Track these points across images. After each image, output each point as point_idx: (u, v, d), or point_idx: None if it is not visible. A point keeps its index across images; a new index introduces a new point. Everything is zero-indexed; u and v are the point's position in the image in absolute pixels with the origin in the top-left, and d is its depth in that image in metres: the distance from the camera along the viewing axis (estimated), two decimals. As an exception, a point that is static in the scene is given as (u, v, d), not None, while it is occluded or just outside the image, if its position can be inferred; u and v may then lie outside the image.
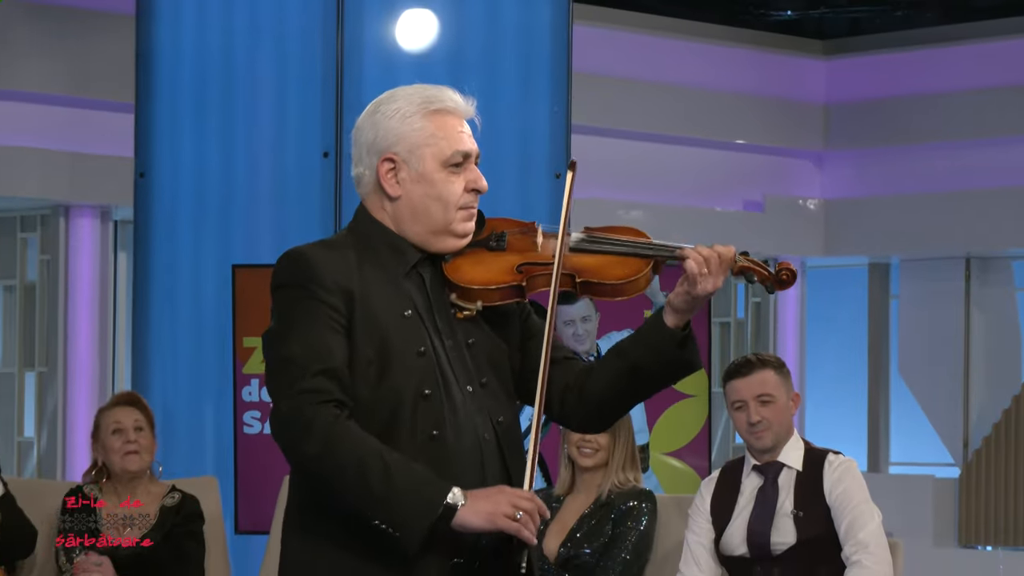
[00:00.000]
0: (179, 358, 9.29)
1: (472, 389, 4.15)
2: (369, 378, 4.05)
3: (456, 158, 4.13)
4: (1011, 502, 14.23)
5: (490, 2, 9.23)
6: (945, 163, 14.41)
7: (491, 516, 3.90)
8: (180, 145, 9.33)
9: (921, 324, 15.10)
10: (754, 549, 6.64)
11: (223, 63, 9.27)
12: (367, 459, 3.92)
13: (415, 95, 4.18)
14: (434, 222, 4.16)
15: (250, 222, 9.17)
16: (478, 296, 4.15)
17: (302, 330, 4.05)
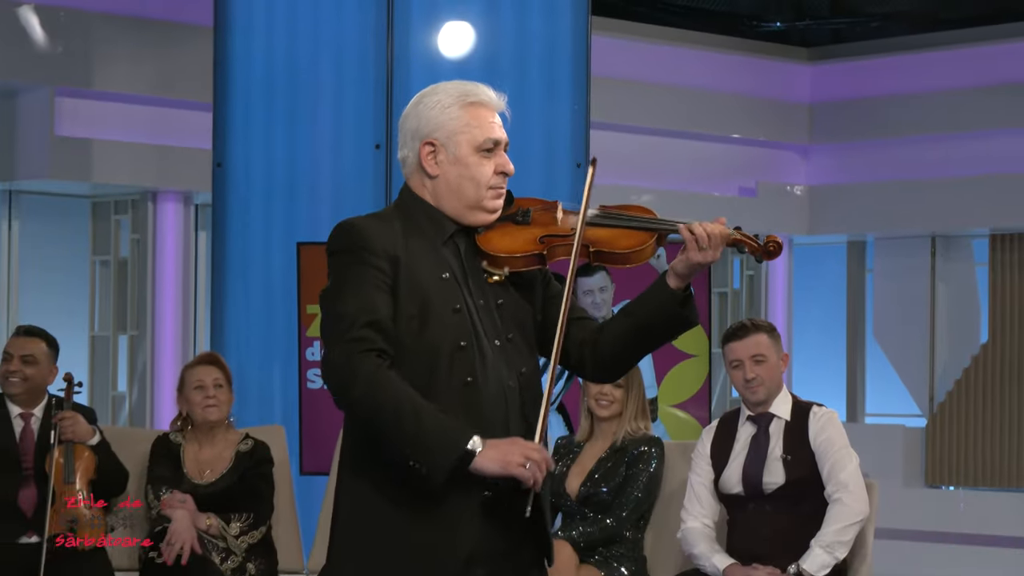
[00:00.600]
0: (251, 323, 9.30)
1: (499, 343, 4.22)
2: (412, 331, 4.13)
3: (487, 144, 4.21)
4: (970, 448, 14.20)
5: (519, 15, 9.23)
6: (914, 155, 14.36)
7: (504, 463, 3.96)
8: (251, 139, 9.35)
9: (893, 294, 15.07)
10: (748, 488, 6.65)
11: (288, 68, 9.27)
12: (402, 404, 4.00)
13: (454, 89, 4.27)
14: (467, 199, 4.23)
15: (312, 204, 9.18)
16: (505, 263, 4.23)
17: (352, 289, 4.15)
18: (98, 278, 13.42)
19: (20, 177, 12.45)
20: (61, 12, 12.04)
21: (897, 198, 14.50)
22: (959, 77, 14.01)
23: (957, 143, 14.08)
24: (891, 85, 14.39)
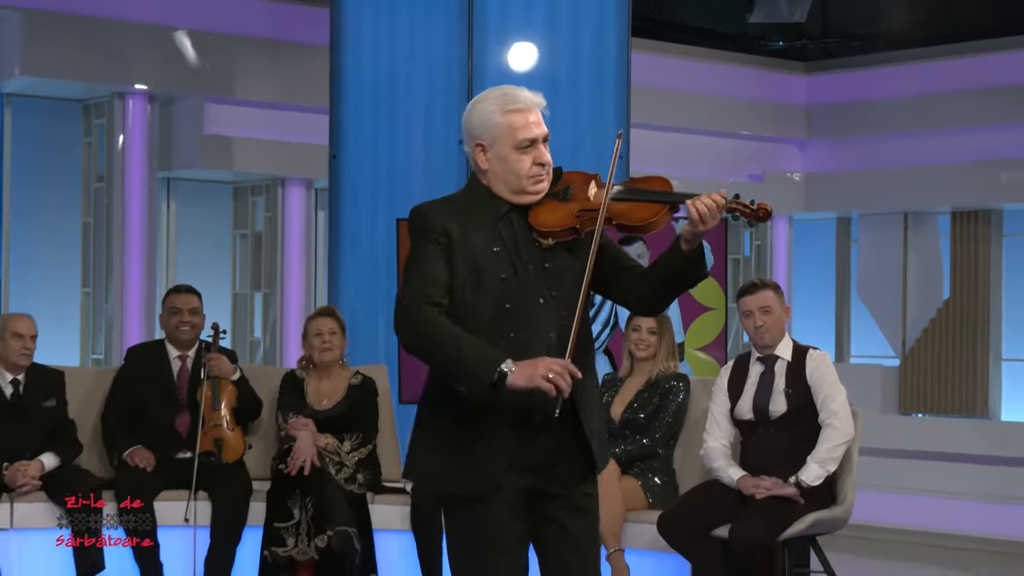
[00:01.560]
0: (360, 282, 9.30)
1: (543, 300, 4.25)
2: (466, 292, 4.22)
3: (524, 143, 4.23)
4: (935, 382, 14.16)
5: (573, 36, 9.19)
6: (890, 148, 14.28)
7: (530, 378, 3.98)
8: (360, 135, 9.34)
9: (873, 260, 14.96)
10: (757, 415, 6.64)
11: (389, 78, 9.25)
12: (448, 339, 4.11)
13: (497, 98, 4.32)
14: (512, 186, 4.27)
15: (408, 187, 9.17)
16: (549, 234, 4.26)
17: (420, 259, 4.26)
18: (238, 248, 13.45)
19: (176, 167, 12.48)
20: (208, 35, 12.04)
21: (877, 183, 14.45)
22: (926, 85, 13.94)
23: (925, 138, 14.01)
24: (872, 92, 14.34)
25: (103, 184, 12.22)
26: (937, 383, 14.29)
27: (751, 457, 6.65)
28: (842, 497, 6.64)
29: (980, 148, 13.70)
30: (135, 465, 7.45)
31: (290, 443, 7.48)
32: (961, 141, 13.81)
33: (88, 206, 12.34)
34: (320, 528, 7.31)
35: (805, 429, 6.57)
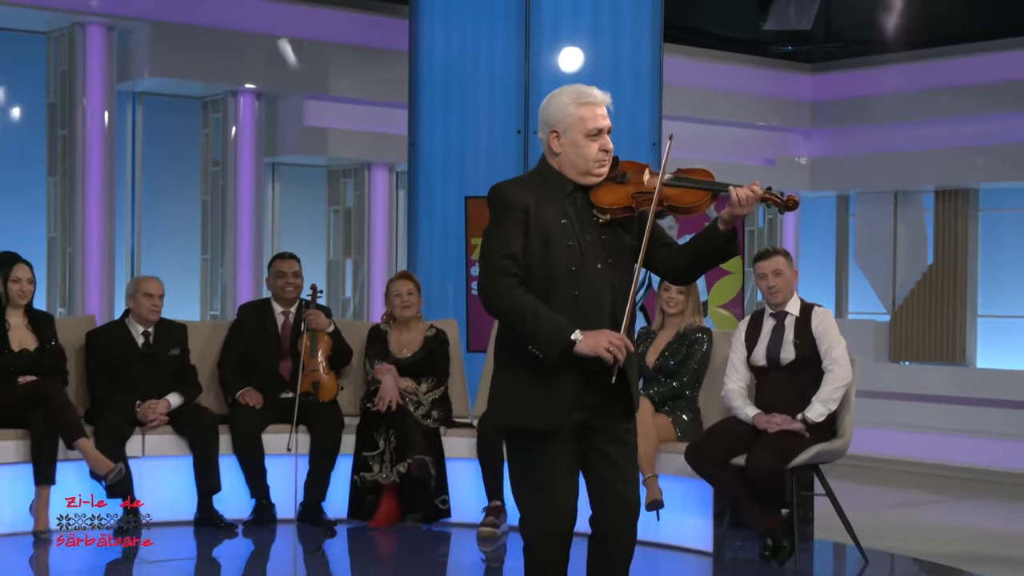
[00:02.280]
0: (434, 250, 9.31)
1: (600, 266, 4.26)
2: (538, 258, 4.22)
3: (592, 132, 4.25)
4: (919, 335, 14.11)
5: (614, 42, 9.16)
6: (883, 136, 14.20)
7: (594, 348, 4.07)
8: (434, 126, 9.34)
9: (867, 231, 14.89)
10: (770, 362, 6.60)
11: (458, 78, 9.24)
12: (526, 309, 4.14)
13: (572, 92, 4.34)
14: (579, 168, 4.27)
15: (474, 170, 9.17)
16: (607, 212, 4.26)
17: (498, 231, 4.27)
18: (331, 221, 13.47)
19: (279, 154, 12.51)
20: (306, 43, 12.04)
21: (871, 166, 14.39)
22: (914, 83, 13.87)
23: (912, 128, 13.92)
24: (867, 88, 14.27)
25: (218, 168, 12.26)
26: (922, 335, 14.23)
27: (764, 397, 6.62)
28: (841, 432, 6.61)
29: (959, 136, 13.64)
30: (246, 404, 7.50)
31: (376, 385, 7.51)
32: (943, 130, 13.74)
33: (206, 186, 12.39)
34: (401, 456, 7.34)
35: (810, 374, 6.54)
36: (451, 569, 6.59)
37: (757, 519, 6.49)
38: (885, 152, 14.26)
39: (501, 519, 7.20)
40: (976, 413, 12.08)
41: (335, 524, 7.33)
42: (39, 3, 10.88)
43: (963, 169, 13.69)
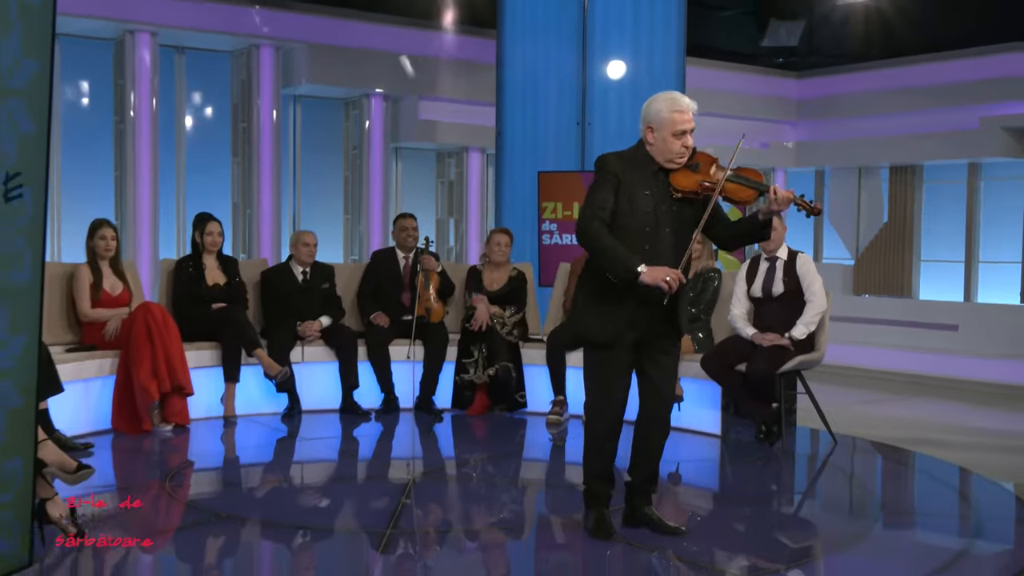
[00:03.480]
0: (515, 212, 9.28)
1: (668, 231, 4.28)
2: (623, 216, 4.22)
3: (678, 132, 4.24)
4: (876, 275, 14.00)
5: (648, 55, 9.04)
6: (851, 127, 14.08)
7: (655, 279, 4.07)
8: (515, 120, 9.28)
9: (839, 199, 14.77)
10: (764, 294, 6.50)
11: (532, 83, 9.17)
12: (608, 247, 4.14)
13: (668, 99, 4.31)
14: (664, 157, 4.27)
15: (544, 152, 9.13)
16: (679, 191, 4.29)
17: (598, 189, 4.26)
18: (439, 190, 13.48)
19: (401, 141, 12.52)
20: (420, 58, 12.01)
21: (841, 148, 14.30)
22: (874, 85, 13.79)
23: (872, 120, 13.82)
24: (838, 89, 14.20)
25: (356, 151, 12.29)
26: (878, 275, 14.13)
27: (760, 320, 6.53)
28: (818, 346, 6.52)
29: (909, 125, 13.54)
30: (377, 324, 7.52)
31: (472, 311, 7.50)
32: (896, 121, 13.66)
33: (347, 165, 12.44)
34: (490, 363, 7.34)
35: (795, 303, 6.44)
36: (527, 447, 6.59)
37: (754, 411, 6.44)
38: (852, 138, 14.19)
39: (564, 409, 7.19)
40: (918, 333, 11.98)
41: (442, 412, 7.36)
42: (226, 29, 10.94)
43: (911, 150, 13.64)
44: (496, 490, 5.42)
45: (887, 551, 4.46)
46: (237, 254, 11.24)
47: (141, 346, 6.42)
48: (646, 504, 4.53)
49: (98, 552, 4.18)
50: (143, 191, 10.70)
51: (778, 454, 6.28)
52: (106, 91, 10.89)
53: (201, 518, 4.74)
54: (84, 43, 10.71)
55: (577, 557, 4.26)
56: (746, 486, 5.65)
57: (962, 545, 4.61)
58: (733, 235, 4.42)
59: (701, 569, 4.09)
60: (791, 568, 4.14)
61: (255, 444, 6.45)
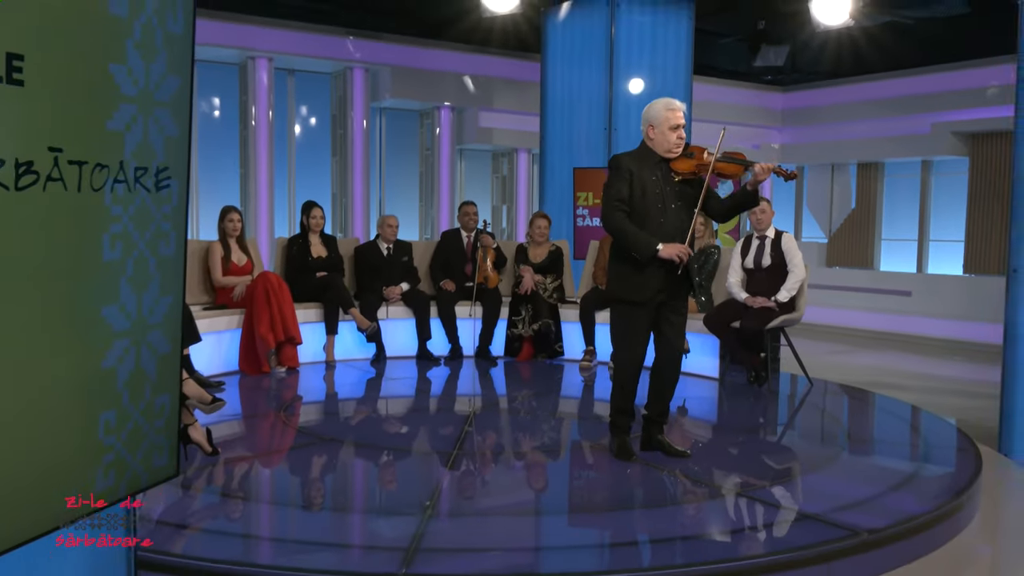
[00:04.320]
0: (554, 200, 9.19)
1: (674, 207, 4.21)
2: (638, 201, 4.18)
3: (673, 126, 4.20)
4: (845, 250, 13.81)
5: (662, 74, 8.92)
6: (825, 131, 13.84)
7: (670, 254, 4.06)
8: (554, 127, 9.19)
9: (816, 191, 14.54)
10: (755, 265, 6.41)
11: (569, 98, 9.07)
12: (629, 230, 4.11)
13: (663, 102, 4.26)
14: (664, 148, 4.22)
15: (578, 153, 9.03)
16: (680, 175, 4.23)
17: (614, 183, 4.18)
18: (494, 183, 13.41)
19: (465, 143, 12.46)
20: (480, 78, 11.93)
21: (818, 149, 14.07)
22: (846, 97, 13.54)
23: (844, 125, 13.58)
24: (816, 101, 13.94)
25: (429, 152, 12.26)
26: (847, 250, 13.94)
27: (751, 287, 6.44)
28: (798, 308, 6.43)
29: (873, 130, 13.30)
30: (446, 289, 7.53)
31: (520, 278, 7.48)
32: (864, 126, 13.43)
33: (422, 163, 12.41)
34: (535, 319, 7.33)
35: (780, 273, 6.34)
36: (564, 387, 6.58)
37: (745, 359, 6.38)
38: (826, 140, 13.97)
39: (593, 357, 7.17)
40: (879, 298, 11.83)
41: (496, 359, 7.36)
42: (327, 55, 10.94)
43: (875, 150, 13.43)
44: (538, 421, 5.43)
45: (853, 472, 4.42)
46: (335, 233, 11.28)
47: (261, 305, 6.48)
48: (659, 433, 4.52)
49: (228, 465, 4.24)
50: (262, 183, 10.77)
51: (765, 394, 6.22)
52: (233, 106, 10.96)
53: (308, 440, 4.79)
54: (215, 67, 10.77)
55: (603, 474, 4.25)
56: (739, 419, 5.61)
57: (914, 468, 4.55)
58: (728, 207, 4.32)
59: (702, 485, 4.07)
60: (775, 484, 4.11)
61: (350, 383, 6.50)
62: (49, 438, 1.82)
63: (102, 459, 1.95)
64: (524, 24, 10.93)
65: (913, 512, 3.69)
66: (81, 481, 1.91)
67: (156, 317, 2.02)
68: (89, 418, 1.91)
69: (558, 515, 3.79)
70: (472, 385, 6.54)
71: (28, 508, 1.80)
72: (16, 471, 1.74)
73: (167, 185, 2.01)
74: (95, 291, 1.88)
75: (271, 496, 3.98)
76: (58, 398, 1.82)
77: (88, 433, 1.92)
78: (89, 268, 1.86)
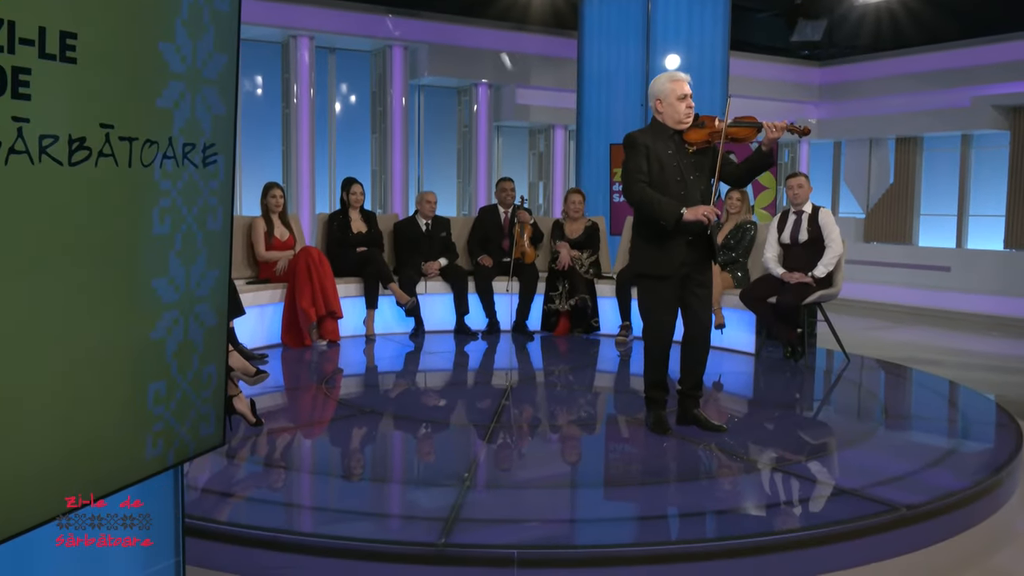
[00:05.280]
0: (590, 176, 9.17)
1: (692, 177, 4.17)
2: (657, 174, 4.10)
3: (680, 96, 4.15)
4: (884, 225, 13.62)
5: (699, 49, 8.81)
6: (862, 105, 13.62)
7: (696, 215, 4.05)
8: (591, 103, 9.14)
9: (853, 165, 14.31)
10: (792, 240, 6.33)
11: (606, 73, 9.00)
12: (653, 200, 4.07)
13: (666, 75, 4.22)
14: (674, 120, 4.16)
15: (615, 128, 8.96)
16: (693, 144, 4.17)
17: (632, 159, 4.13)
18: (531, 159, 13.37)
19: (502, 120, 12.40)
20: (517, 55, 11.86)
21: (855, 124, 13.86)
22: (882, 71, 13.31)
23: (881, 100, 13.35)
24: (854, 76, 13.73)
25: (467, 129, 12.23)
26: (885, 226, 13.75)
27: (788, 262, 6.37)
28: (835, 283, 6.36)
29: (912, 104, 13.08)
30: (483, 264, 7.53)
31: (557, 254, 7.46)
32: (902, 100, 13.20)
33: (460, 139, 12.40)
34: (571, 295, 7.32)
35: (817, 248, 6.26)
36: (600, 361, 6.57)
37: (782, 334, 6.32)
38: (864, 115, 13.76)
39: (628, 332, 7.16)
40: (917, 273, 11.67)
41: (533, 333, 7.37)
42: (366, 33, 10.94)
43: (914, 125, 13.20)
44: (575, 394, 5.43)
45: (889, 447, 4.37)
46: (375, 209, 11.33)
47: (303, 280, 6.53)
48: (694, 407, 4.50)
49: (271, 435, 4.30)
50: (303, 160, 10.83)
51: (801, 369, 6.17)
52: (275, 84, 11.01)
53: (348, 412, 4.84)
54: (258, 46, 10.81)
55: (639, 448, 4.25)
56: (775, 394, 5.57)
57: (952, 444, 4.49)
58: (744, 170, 4.26)
59: (738, 459, 4.05)
60: (811, 459, 4.08)
61: (389, 356, 6.54)
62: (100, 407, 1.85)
63: (151, 428, 1.98)
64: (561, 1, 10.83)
65: (952, 488, 3.64)
66: (131, 449, 1.94)
67: (203, 290, 2.04)
68: (139, 388, 1.94)
69: (594, 488, 3.80)
70: (509, 359, 6.55)
71: (82, 474, 1.83)
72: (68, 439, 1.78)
73: (214, 161, 2.02)
74: (145, 264, 1.91)
75: (312, 466, 4.03)
76: (110, 368, 1.85)
77: (138, 403, 1.95)
78: (140, 241, 1.88)
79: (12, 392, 1.64)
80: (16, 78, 1.58)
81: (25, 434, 1.68)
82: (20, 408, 1.66)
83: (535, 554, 2.96)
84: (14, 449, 1.66)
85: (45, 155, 1.65)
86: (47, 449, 1.73)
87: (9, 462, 1.65)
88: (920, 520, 3.39)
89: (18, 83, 1.58)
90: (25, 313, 1.64)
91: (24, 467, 1.68)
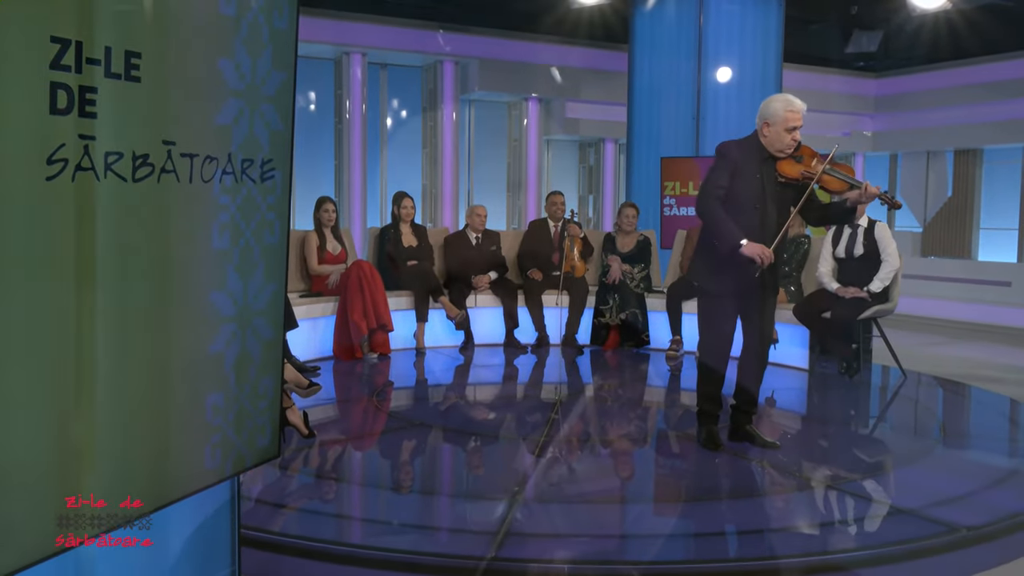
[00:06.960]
0: (641, 189, 9.12)
1: (771, 207, 4.11)
2: (736, 194, 4.08)
3: (790, 128, 4.07)
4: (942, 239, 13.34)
5: (752, 61, 8.74)
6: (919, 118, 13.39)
7: (752, 253, 3.97)
8: (642, 116, 9.10)
9: (911, 177, 14.08)
10: (847, 255, 6.25)
11: (656, 87, 8.95)
12: (720, 218, 4.01)
13: (783, 100, 4.12)
14: (775, 148, 4.11)
15: (665, 142, 8.92)
16: (784, 177, 4.12)
17: (716, 170, 4.11)
18: (581, 172, 13.37)
19: (552, 134, 12.43)
20: (567, 69, 11.89)
21: (911, 136, 13.63)
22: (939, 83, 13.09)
23: (938, 111, 13.12)
24: (909, 87, 13.52)
25: (517, 142, 12.27)
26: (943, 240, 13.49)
27: (843, 277, 6.28)
28: (891, 298, 6.25)
29: (971, 115, 12.83)
30: (533, 277, 7.53)
31: (607, 268, 7.44)
32: (961, 112, 12.97)
33: (510, 153, 12.43)
34: (622, 309, 7.29)
35: (873, 263, 6.16)
36: (650, 376, 6.53)
37: (837, 350, 6.23)
38: (921, 127, 13.54)
39: (680, 347, 7.10)
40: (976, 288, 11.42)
41: (583, 348, 7.35)
42: (417, 49, 11.05)
43: (973, 137, 12.94)
44: (625, 409, 5.40)
45: (947, 467, 4.27)
46: (425, 223, 11.41)
47: (354, 293, 6.60)
48: (747, 423, 4.45)
49: (323, 447, 4.34)
50: (355, 175, 10.96)
51: (856, 385, 6.07)
52: (328, 99, 11.17)
53: (398, 424, 4.86)
54: (312, 62, 10.99)
55: (690, 464, 4.21)
56: (829, 411, 5.49)
57: (1014, 464, 4.38)
58: (822, 216, 4.22)
59: (791, 476, 3.99)
60: (867, 478, 4.01)
61: (439, 369, 6.57)
62: (160, 418, 1.89)
63: (210, 439, 2.02)
64: (611, 14, 10.83)
65: (1014, 509, 3.55)
66: (191, 460, 1.98)
67: (260, 303, 2.08)
68: (198, 400, 1.98)
69: (644, 503, 3.77)
70: (559, 373, 6.54)
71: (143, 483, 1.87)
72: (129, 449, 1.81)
73: (271, 176, 2.06)
74: (205, 278, 1.95)
75: (363, 478, 4.06)
76: (170, 379, 1.89)
77: (197, 414, 1.98)
78: (199, 255, 1.92)
79: (76, 404, 1.67)
80: (83, 97, 1.63)
81: (89, 444, 1.71)
82: (86, 419, 1.70)
83: (586, 569, 2.95)
84: (77, 459, 1.69)
85: (110, 171, 1.69)
86: (108, 459, 1.77)
87: (72, 471, 1.69)
88: (981, 541, 3.30)
89: (85, 102, 1.63)
90: (88, 325, 1.68)
91: (87, 477, 1.72)
